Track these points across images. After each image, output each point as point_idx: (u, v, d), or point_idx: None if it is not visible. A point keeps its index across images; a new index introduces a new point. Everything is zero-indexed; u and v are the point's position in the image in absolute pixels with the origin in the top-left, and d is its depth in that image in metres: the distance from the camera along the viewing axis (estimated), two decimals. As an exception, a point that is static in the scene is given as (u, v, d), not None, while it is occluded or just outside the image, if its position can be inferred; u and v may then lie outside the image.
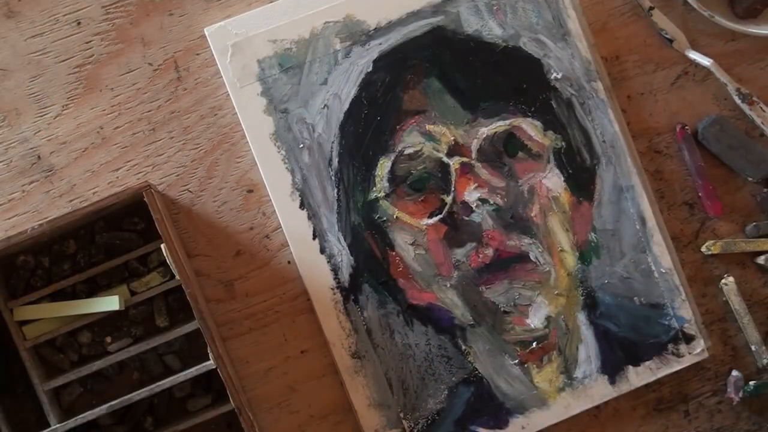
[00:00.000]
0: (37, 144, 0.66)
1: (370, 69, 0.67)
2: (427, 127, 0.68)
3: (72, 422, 0.60)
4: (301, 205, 0.66)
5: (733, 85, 0.71)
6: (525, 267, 0.68)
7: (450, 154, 0.68)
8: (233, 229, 0.67)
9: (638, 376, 0.69)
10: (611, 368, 0.69)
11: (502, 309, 0.68)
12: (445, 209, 0.68)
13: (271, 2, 0.67)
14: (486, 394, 0.68)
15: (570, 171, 0.69)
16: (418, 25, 0.68)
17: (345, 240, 0.67)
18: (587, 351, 0.69)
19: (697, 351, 0.70)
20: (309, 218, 0.66)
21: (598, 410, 0.70)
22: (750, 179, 0.71)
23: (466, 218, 0.68)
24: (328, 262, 0.66)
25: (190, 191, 0.67)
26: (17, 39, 0.66)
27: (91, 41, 0.66)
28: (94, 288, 0.65)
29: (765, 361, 0.71)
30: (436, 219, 0.67)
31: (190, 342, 0.66)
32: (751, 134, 0.72)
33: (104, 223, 0.65)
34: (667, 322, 0.69)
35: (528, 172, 0.69)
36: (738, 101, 0.71)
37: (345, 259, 0.66)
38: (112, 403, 0.61)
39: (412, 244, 0.67)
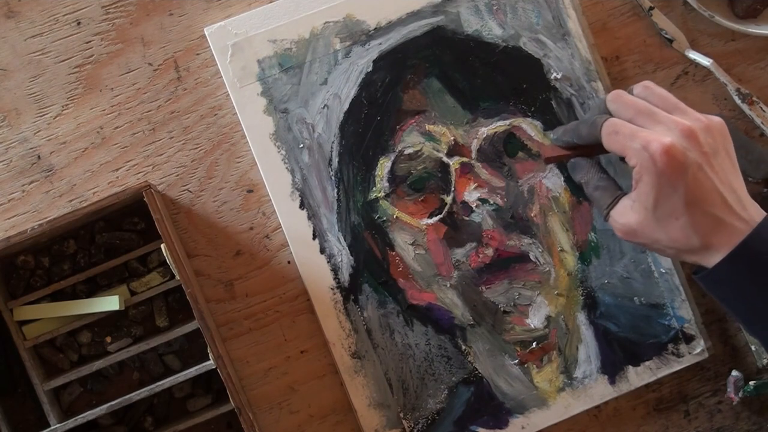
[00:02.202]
0: (37, 144, 0.66)
1: (370, 69, 0.67)
2: (427, 127, 0.68)
3: (72, 422, 0.60)
4: (301, 205, 0.66)
5: (733, 85, 0.71)
6: (525, 267, 0.68)
7: (450, 154, 0.68)
8: (233, 229, 0.67)
9: (638, 376, 0.69)
10: (611, 368, 0.69)
11: (502, 309, 0.68)
12: (445, 209, 0.68)
13: (271, 2, 0.67)
14: (486, 394, 0.68)
15: (570, 171, 0.69)
16: (418, 25, 0.68)
17: (345, 240, 0.67)
18: (587, 351, 0.69)
19: (697, 351, 0.70)
20: (309, 218, 0.66)
21: (598, 410, 0.70)
22: (750, 179, 0.71)
23: (466, 218, 0.68)
24: (328, 262, 0.66)
25: (190, 191, 0.67)
26: (17, 39, 0.66)
27: (91, 41, 0.66)
28: (94, 288, 0.65)
29: (765, 361, 0.71)
30: (436, 219, 0.67)
31: (190, 342, 0.66)
32: (751, 134, 0.72)
33: (104, 223, 0.65)
34: (667, 322, 0.69)
35: (528, 172, 0.69)
36: (738, 101, 0.71)
37: (345, 259, 0.67)
38: (112, 403, 0.61)
39: (412, 244, 0.67)
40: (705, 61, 0.71)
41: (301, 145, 0.66)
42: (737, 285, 0.55)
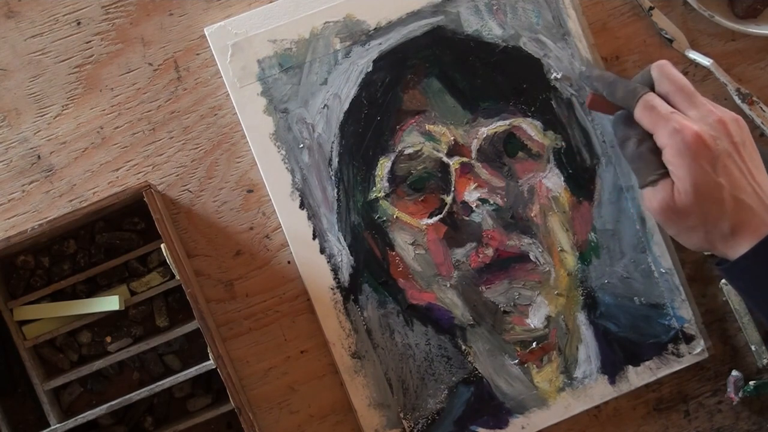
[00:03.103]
0: (37, 144, 0.66)
1: (370, 69, 0.67)
2: (427, 127, 0.68)
3: (72, 422, 0.60)
4: (301, 205, 0.66)
5: (733, 85, 0.71)
6: (525, 267, 0.68)
7: (450, 154, 0.68)
8: (233, 229, 0.67)
9: (638, 376, 0.69)
10: (611, 368, 0.69)
11: (502, 309, 0.68)
12: (445, 209, 0.68)
13: (271, 2, 0.67)
14: (486, 394, 0.68)
15: (570, 171, 0.69)
16: (418, 25, 0.68)
17: (345, 240, 0.67)
18: (587, 351, 0.69)
19: (697, 351, 0.70)
20: (309, 218, 0.66)
21: (598, 410, 0.70)
22: (750, 179, 0.71)
23: (466, 218, 0.68)
24: (328, 262, 0.66)
25: (190, 191, 0.67)
26: (17, 39, 0.66)
27: (91, 41, 0.66)
28: (94, 288, 0.65)
29: (765, 361, 0.71)
30: (436, 219, 0.67)
31: (190, 342, 0.66)
32: (751, 134, 0.72)
33: (104, 223, 0.65)
34: (667, 322, 0.69)
35: (528, 172, 0.69)
36: (738, 101, 0.71)
37: (345, 259, 0.67)
38: (112, 403, 0.61)
39: (412, 244, 0.67)
40: (705, 61, 0.71)
41: (301, 145, 0.66)
42: (761, 278, 0.56)
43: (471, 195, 0.68)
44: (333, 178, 0.67)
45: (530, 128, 0.69)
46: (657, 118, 0.57)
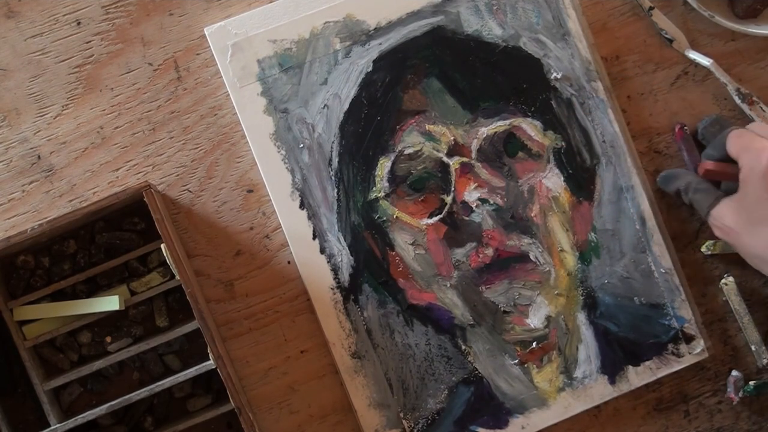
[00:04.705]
0: (37, 144, 0.66)
1: (370, 69, 0.67)
2: (427, 127, 0.68)
3: (72, 422, 0.60)
4: (301, 205, 0.66)
5: (733, 85, 0.71)
6: (525, 267, 0.68)
7: (450, 154, 0.68)
8: (233, 229, 0.67)
9: (638, 376, 0.69)
10: (611, 368, 0.69)
11: (502, 309, 0.68)
12: (445, 209, 0.68)
13: (271, 2, 0.67)
14: (486, 394, 0.68)
15: (570, 171, 0.69)
16: (418, 25, 0.68)
17: (345, 240, 0.67)
18: (587, 351, 0.69)
19: (697, 351, 0.70)
20: (309, 218, 0.66)
21: (598, 410, 0.70)
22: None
23: (466, 218, 0.68)
24: (328, 262, 0.66)
25: (190, 191, 0.67)
26: (17, 39, 0.66)
27: (91, 41, 0.66)
28: (94, 288, 0.65)
29: (765, 361, 0.71)
30: (436, 219, 0.67)
31: (190, 342, 0.66)
32: (751, 134, 0.72)
33: (104, 223, 0.65)
34: (667, 322, 0.69)
35: (528, 172, 0.69)
36: (738, 101, 0.71)
37: (345, 259, 0.67)
38: (112, 403, 0.61)
39: (412, 244, 0.67)
40: (705, 61, 0.71)
41: (301, 145, 0.66)
42: None
43: (471, 195, 0.68)
44: (333, 178, 0.67)
45: (530, 128, 0.69)
46: (741, 142, 0.61)
